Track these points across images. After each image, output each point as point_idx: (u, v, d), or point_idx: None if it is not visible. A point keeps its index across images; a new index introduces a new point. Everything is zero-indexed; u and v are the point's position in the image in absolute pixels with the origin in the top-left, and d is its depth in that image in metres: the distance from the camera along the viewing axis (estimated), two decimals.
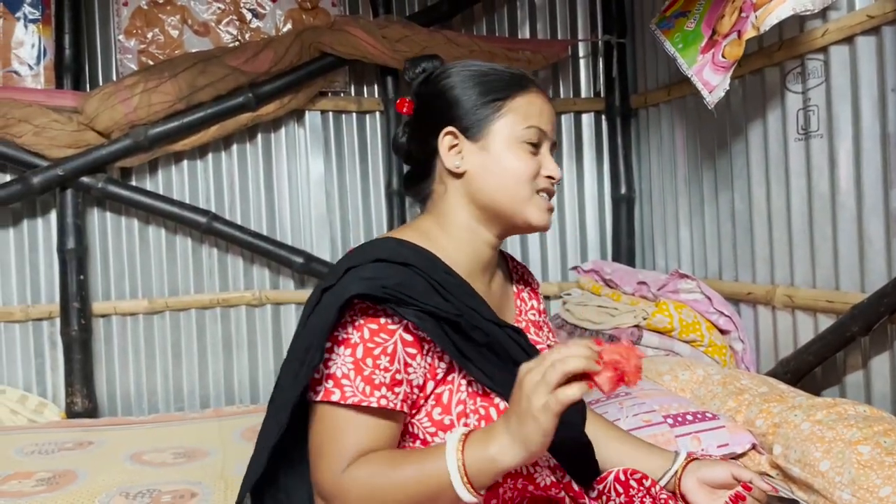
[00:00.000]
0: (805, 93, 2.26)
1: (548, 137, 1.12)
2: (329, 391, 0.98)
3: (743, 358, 2.54)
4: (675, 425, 1.83)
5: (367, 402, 0.97)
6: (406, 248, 1.07)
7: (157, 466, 2.00)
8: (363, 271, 1.01)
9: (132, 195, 2.89)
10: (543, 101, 1.13)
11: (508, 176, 1.09)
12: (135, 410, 2.97)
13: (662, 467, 1.18)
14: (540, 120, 1.11)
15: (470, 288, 1.08)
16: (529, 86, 1.12)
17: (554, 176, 1.12)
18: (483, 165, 1.10)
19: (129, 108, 2.74)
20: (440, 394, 1.04)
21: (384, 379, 0.98)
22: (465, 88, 1.11)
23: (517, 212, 1.10)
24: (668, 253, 3.10)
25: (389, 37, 2.95)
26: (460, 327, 1.01)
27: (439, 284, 1.03)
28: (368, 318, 0.99)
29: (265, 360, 3.11)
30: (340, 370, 0.98)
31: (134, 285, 2.99)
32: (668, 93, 2.98)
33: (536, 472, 1.09)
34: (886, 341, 2.01)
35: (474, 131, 1.10)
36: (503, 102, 1.10)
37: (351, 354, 0.98)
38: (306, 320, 1.04)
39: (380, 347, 0.98)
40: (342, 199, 3.18)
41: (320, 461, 0.99)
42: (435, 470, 0.92)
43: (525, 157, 1.09)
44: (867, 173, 2.05)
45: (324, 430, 0.99)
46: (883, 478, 1.43)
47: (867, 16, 1.98)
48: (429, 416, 1.04)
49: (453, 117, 1.11)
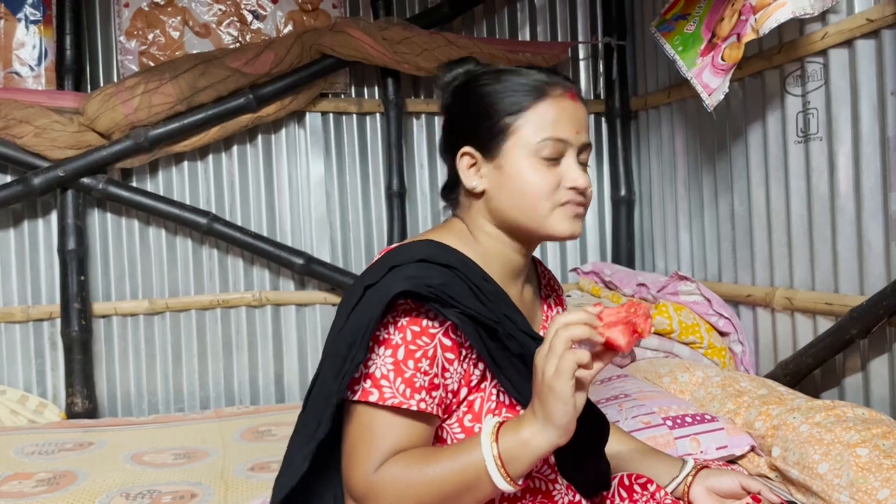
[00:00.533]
0: (804, 96, 2.26)
1: (570, 144, 1.06)
2: (367, 391, 0.97)
3: (742, 360, 2.54)
4: (675, 427, 1.84)
5: (407, 404, 0.96)
6: (448, 251, 1.06)
7: (157, 467, 2.01)
8: (407, 270, 1.00)
9: (133, 196, 2.89)
10: (565, 105, 1.06)
11: (525, 194, 1.05)
12: (135, 411, 2.97)
13: (670, 474, 1.18)
14: (557, 129, 1.05)
15: (506, 296, 1.08)
16: (549, 91, 1.06)
17: (577, 186, 1.06)
18: (500, 184, 1.07)
19: (130, 110, 2.75)
20: (472, 401, 1.04)
21: (424, 382, 0.97)
22: (480, 105, 1.08)
23: (538, 227, 1.07)
24: (667, 255, 3.10)
25: (390, 38, 2.95)
26: (497, 335, 1.01)
27: (479, 290, 1.03)
28: (411, 320, 0.99)
29: (265, 361, 3.11)
30: (380, 370, 0.97)
31: (134, 286, 2.99)
32: (668, 95, 2.99)
33: (555, 490, 1.08)
34: (885, 344, 2.02)
35: (490, 150, 1.07)
36: (515, 117, 1.05)
37: (392, 355, 0.97)
38: (347, 317, 1.02)
39: (421, 350, 0.98)
40: (342, 200, 3.18)
41: (354, 461, 0.98)
42: (470, 460, 0.93)
43: (541, 172, 1.05)
44: (866, 176, 2.05)
45: (360, 430, 0.98)
46: (881, 480, 1.44)
47: (867, 19, 1.98)
48: (459, 422, 1.04)
49: (469, 137, 1.09)
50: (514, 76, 1.08)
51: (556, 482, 1.09)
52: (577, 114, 1.07)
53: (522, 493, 1.05)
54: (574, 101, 1.08)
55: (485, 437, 0.93)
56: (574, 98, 1.08)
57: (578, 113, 1.08)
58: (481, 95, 1.09)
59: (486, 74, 1.10)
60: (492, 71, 1.11)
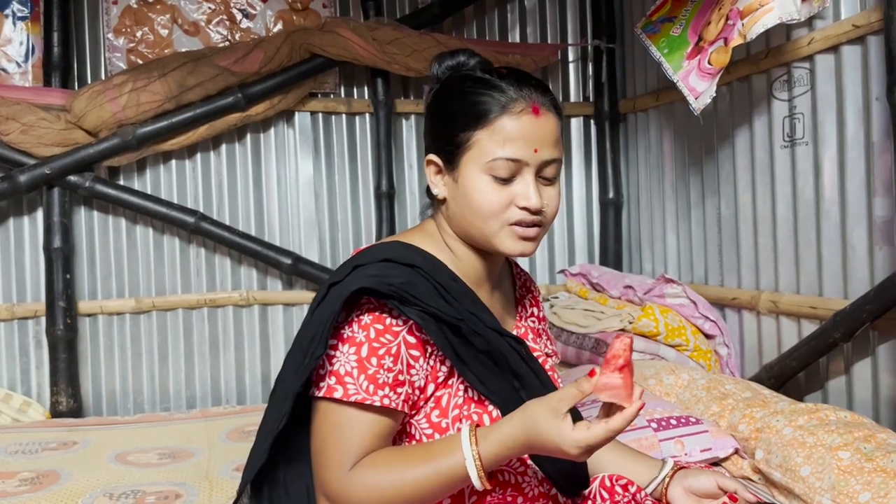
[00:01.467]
0: (791, 100, 2.28)
1: (526, 164, 1.04)
2: (332, 388, 0.99)
3: (727, 363, 2.56)
4: (660, 429, 1.85)
5: (371, 400, 0.98)
6: (413, 251, 1.09)
7: (141, 467, 2.00)
8: (370, 269, 1.03)
9: (120, 194, 2.88)
10: (526, 122, 1.04)
11: (475, 210, 1.05)
12: (120, 410, 2.96)
13: (649, 475, 1.19)
14: (511, 148, 1.03)
15: (474, 295, 1.09)
16: (511, 107, 1.04)
17: (528, 207, 1.04)
18: (455, 196, 1.08)
19: (118, 108, 2.73)
20: (440, 397, 1.06)
21: (387, 379, 0.99)
22: (444, 116, 1.09)
23: (488, 243, 1.08)
24: (654, 257, 3.12)
25: (380, 39, 2.95)
26: (461, 331, 1.03)
27: (443, 288, 1.05)
28: (374, 319, 1.01)
29: (252, 361, 3.10)
30: (344, 368, 0.99)
31: (121, 285, 2.98)
32: (656, 98, 3.00)
33: (525, 482, 1.10)
34: (868, 348, 2.03)
35: (449, 161, 1.08)
36: (472, 133, 1.05)
37: (356, 353, 1.00)
38: (311, 314, 1.05)
39: (384, 348, 1.00)
40: (331, 200, 3.18)
41: (324, 460, 1.00)
42: (447, 465, 0.96)
43: (493, 191, 1.04)
44: (851, 181, 2.07)
45: (327, 428, 1.01)
46: (863, 483, 1.45)
47: (853, 25, 2.00)
48: (427, 418, 1.06)
49: (435, 146, 1.11)
50: (483, 87, 1.06)
51: (526, 475, 1.10)
52: (538, 131, 1.04)
53: (492, 484, 1.06)
54: (538, 117, 1.04)
55: (465, 442, 0.96)
56: (539, 113, 1.04)
57: (542, 130, 1.05)
58: (447, 105, 1.09)
59: (459, 81, 1.10)
60: (466, 78, 1.09)
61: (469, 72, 1.11)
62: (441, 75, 1.14)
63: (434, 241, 1.13)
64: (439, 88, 1.13)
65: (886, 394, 1.98)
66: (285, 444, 1.09)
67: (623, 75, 3.33)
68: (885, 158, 1.95)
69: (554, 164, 1.07)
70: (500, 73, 1.08)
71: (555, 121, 1.07)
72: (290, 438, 1.09)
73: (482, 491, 1.05)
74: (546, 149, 1.05)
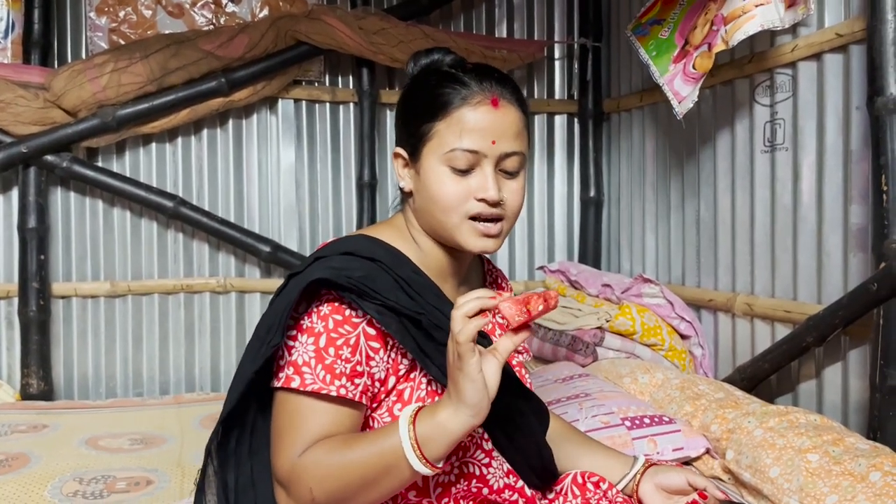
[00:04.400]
0: (773, 106, 2.30)
1: (484, 156, 1.04)
2: (289, 378, 1.00)
3: (702, 363, 2.58)
4: (633, 428, 1.86)
5: (327, 390, 0.99)
6: (376, 245, 1.09)
7: (112, 452, 1.98)
8: (331, 261, 1.04)
9: (97, 176, 2.84)
10: (484, 114, 1.04)
11: (436, 202, 1.06)
12: (92, 394, 2.93)
13: (621, 471, 1.20)
14: (469, 139, 1.03)
15: (437, 289, 1.10)
16: (469, 98, 1.04)
17: (486, 199, 1.04)
18: (418, 190, 1.09)
19: (98, 88, 2.70)
20: (402, 390, 1.06)
21: (345, 369, 1.00)
22: (409, 108, 1.10)
23: (450, 237, 1.08)
24: (633, 257, 3.14)
25: (366, 28, 2.94)
26: (421, 325, 1.03)
27: (405, 282, 1.05)
28: (334, 309, 1.01)
29: (227, 348, 3.08)
30: (302, 358, 1.00)
31: (96, 267, 2.94)
32: (640, 99, 3.01)
33: (490, 473, 1.10)
34: (839, 353, 2.06)
35: (413, 153, 1.09)
36: (432, 124, 1.05)
37: (314, 343, 1.00)
38: (271, 304, 1.07)
39: (342, 339, 1.00)
40: (312, 189, 3.16)
41: (279, 446, 1.01)
42: (388, 444, 0.95)
43: (451, 182, 1.05)
44: (828, 188, 2.10)
45: (284, 417, 1.01)
46: (830, 486, 1.47)
47: (836, 34, 2.02)
48: (389, 412, 1.06)
49: (401, 139, 1.12)
50: (446, 80, 1.07)
51: (491, 466, 1.11)
52: (497, 123, 1.04)
53: (456, 477, 1.07)
54: (497, 109, 1.04)
55: (402, 421, 0.95)
56: (498, 104, 1.04)
57: (501, 122, 1.05)
58: (412, 98, 1.10)
59: (426, 75, 1.11)
60: (433, 72, 1.10)
61: (437, 66, 1.12)
62: (415, 73, 1.15)
63: (401, 234, 1.13)
64: (409, 83, 1.14)
65: (856, 398, 2.01)
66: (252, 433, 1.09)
67: (608, 74, 3.35)
68: (862, 167, 1.98)
69: (514, 156, 1.07)
70: (465, 67, 1.09)
71: (516, 113, 1.07)
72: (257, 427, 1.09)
73: (446, 482, 1.06)
74: (505, 141, 1.05)
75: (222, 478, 1.09)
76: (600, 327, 2.60)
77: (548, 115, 3.41)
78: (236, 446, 1.09)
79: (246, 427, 1.09)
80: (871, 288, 1.80)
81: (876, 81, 1.77)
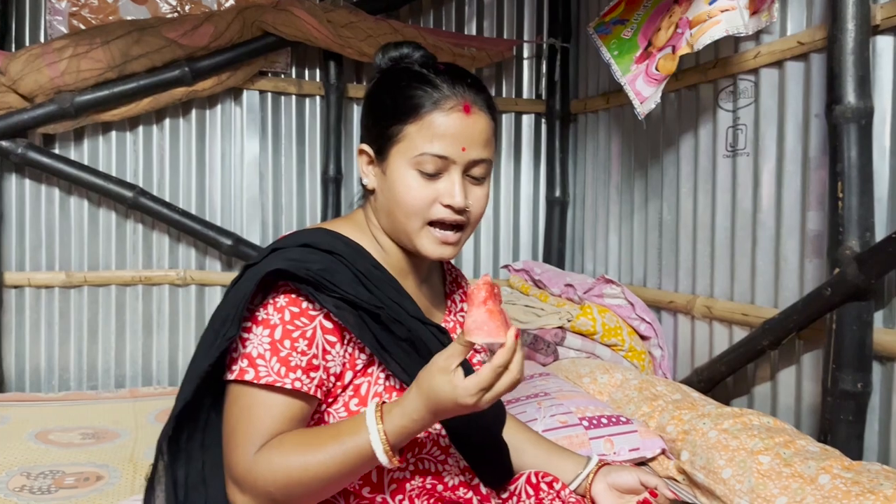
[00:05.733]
0: (735, 111, 2.33)
1: (453, 162, 1.04)
2: (243, 370, 0.98)
3: (661, 364, 2.61)
4: (591, 428, 1.87)
5: (282, 382, 0.97)
6: (336, 238, 1.08)
7: (62, 447, 1.94)
8: (288, 253, 1.03)
9: (54, 163, 2.77)
10: (455, 120, 1.03)
11: (399, 204, 1.05)
12: (44, 387, 2.86)
13: (574, 471, 1.21)
14: (439, 145, 1.03)
15: (397, 283, 1.09)
16: (442, 103, 1.03)
17: (452, 205, 1.04)
18: (382, 189, 1.08)
19: (56, 73, 2.63)
20: (359, 385, 1.05)
21: (300, 362, 0.98)
22: (378, 107, 1.09)
23: (408, 241, 1.08)
24: (596, 257, 3.16)
25: (334, 21, 2.91)
26: (380, 319, 1.02)
27: (364, 276, 1.04)
28: (290, 301, 1.00)
29: (186, 342, 3.04)
30: (257, 350, 0.99)
31: (51, 257, 2.88)
32: (606, 101, 3.03)
33: (445, 471, 1.10)
34: (794, 356, 2.10)
35: (380, 152, 1.08)
36: (402, 126, 1.04)
37: (269, 335, 0.99)
38: (226, 296, 1.05)
39: (298, 331, 0.99)
40: (276, 182, 3.12)
41: (232, 442, 0.99)
42: (353, 444, 0.95)
43: (418, 186, 1.04)
44: (787, 194, 2.13)
45: (237, 411, 1.00)
46: (780, 488, 1.49)
47: (797, 42, 2.05)
48: (345, 407, 1.04)
49: (368, 136, 1.11)
50: (417, 81, 1.06)
51: (447, 462, 1.11)
52: (468, 130, 1.04)
53: (411, 473, 1.07)
54: (468, 116, 1.04)
55: (370, 419, 0.95)
56: (470, 112, 1.04)
57: (472, 129, 1.04)
58: (381, 96, 1.09)
59: (396, 73, 1.09)
60: (403, 70, 1.09)
61: (408, 65, 1.10)
62: (384, 66, 1.13)
63: (361, 231, 1.13)
64: (378, 79, 1.12)
65: (808, 401, 2.05)
66: (204, 428, 1.07)
67: (576, 75, 3.36)
68: (820, 174, 2.01)
69: (482, 164, 1.07)
70: (437, 68, 1.08)
71: (486, 121, 1.07)
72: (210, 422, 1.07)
73: (401, 479, 1.06)
74: (475, 148, 1.05)
75: (172, 473, 1.06)
76: (562, 327, 2.61)
77: (515, 114, 3.41)
78: (188, 441, 1.07)
79: (199, 422, 1.07)
80: (825, 293, 1.83)
81: (834, 90, 1.80)
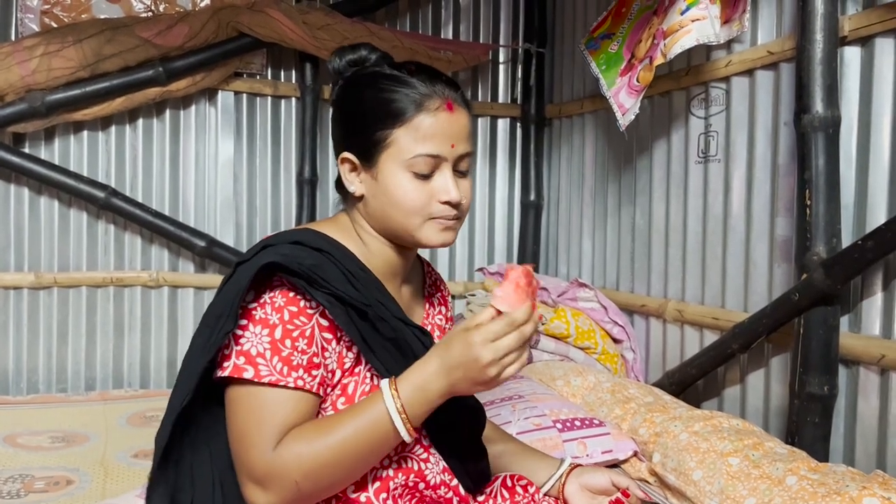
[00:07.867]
0: (707, 118, 2.37)
1: (444, 159, 1.07)
2: (240, 367, 0.98)
3: (633, 367, 2.64)
4: (564, 430, 1.89)
5: (285, 381, 0.98)
6: (323, 238, 1.09)
7: (31, 450, 1.91)
8: (280, 249, 1.03)
9: (23, 163, 2.73)
10: (442, 119, 1.06)
11: (397, 206, 1.07)
12: (12, 390, 2.82)
13: (547, 473, 1.22)
14: (431, 145, 1.05)
15: (381, 285, 1.10)
16: (426, 104, 1.06)
17: (450, 201, 1.07)
18: (374, 193, 1.09)
19: (27, 71, 2.59)
20: (346, 384, 1.06)
21: (302, 361, 0.99)
22: (358, 114, 1.09)
23: (410, 237, 1.10)
24: (570, 261, 3.19)
25: (310, 23, 2.90)
26: (367, 317, 1.03)
27: (351, 275, 1.05)
28: (288, 301, 1.01)
29: (158, 344, 3.01)
30: (256, 349, 0.99)
31: (20, 258, 2.83)
32: (581, 106, 3.06)
33: (427, 469, 1.11)
34: (763, 359, 2.14)
35: (367, 159, 1.09)
36: (390, 131, 1.06)
37: (269, 335, 0.99)
38: (219, 293, 1.05)
39: (298, 330, 1.00)
40: (251, 183, 3.11)
41: (246, 444, 0.98)
42: (373, 417, 0.97)
43: (414, 187, 1.06)
44: (757, 200, 2.17)
45: (244, 413, 0.99)
46: (749, 489, 1.52)
47: (767, 51, 2.09)
48: (333, 406, 1.05)
49: (351, 143, 1.11)
50: (394, 84, 1.07)
51: (429, 461, 1.11)
52: (454, 127, 1.07)
53: (395, 471, 1.08)
54: (452, 112, 1.07)
55: (384, 385, 0.99)
56: (453, 108, 1.07)
57: (457, 125, 1.08)
58: (360, 103, 1.09)
59: (369, 77, 1.10)
60: (376, 74, 1.09)
61: (376, 68, 1.11)
62: (342, 70, 1.14)
63: (347, 232, 1.13)
64: (348, 85, 1.12)
65: (776, 403, 2.09)
66: (192, 426, 1.07)
67: (551, 80, 3.39)
68: (788, 181, 2.05)
69: (468, 157, 1.11)
70: (409, 69, 1.09)
71: (467, 115, 1.11)
72: (198, 420, 1.07)
73: (384, 477, 1.06)
74: (461, 143, 1.09)
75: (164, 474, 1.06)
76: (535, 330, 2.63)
77: (491, 118, 3.43)
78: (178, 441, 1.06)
79: (188, 420, 1.06)
80: (793, 298, 1.87)
81: (803, 99, 1.84)
